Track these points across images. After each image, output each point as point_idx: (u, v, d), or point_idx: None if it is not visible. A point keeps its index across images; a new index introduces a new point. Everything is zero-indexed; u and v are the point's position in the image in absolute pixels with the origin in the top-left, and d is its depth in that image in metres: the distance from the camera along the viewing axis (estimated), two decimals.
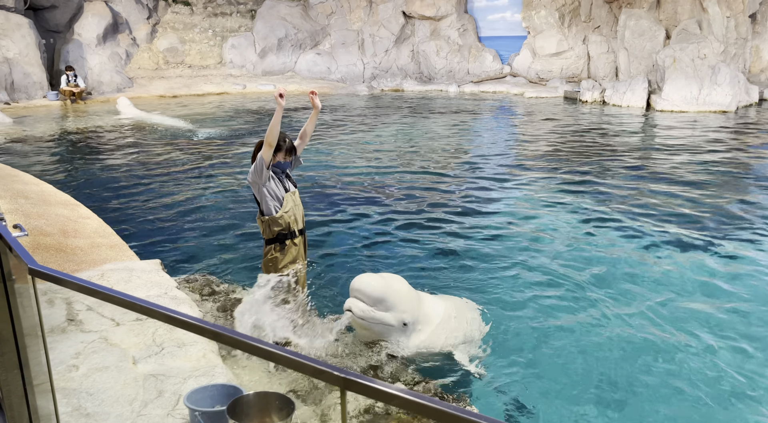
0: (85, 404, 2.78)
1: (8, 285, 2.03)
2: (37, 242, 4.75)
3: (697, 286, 5.14)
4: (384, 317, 3.79)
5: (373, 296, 3.75)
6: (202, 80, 20.09)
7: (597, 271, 5.43)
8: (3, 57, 16.06)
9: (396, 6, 21.87)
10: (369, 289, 3.76)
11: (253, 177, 3.85)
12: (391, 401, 1.07)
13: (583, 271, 5.42)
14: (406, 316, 3.83)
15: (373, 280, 3.81)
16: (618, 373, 3.88)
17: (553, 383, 3.81)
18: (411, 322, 3.87)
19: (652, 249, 5.99)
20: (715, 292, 5.04)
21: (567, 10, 20.24)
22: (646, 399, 3.64)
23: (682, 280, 5.26)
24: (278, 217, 3.90)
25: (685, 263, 5.63)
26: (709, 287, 5.12)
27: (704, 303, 4.84)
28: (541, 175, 9.02)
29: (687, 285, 5.17)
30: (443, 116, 14.97)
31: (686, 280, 5.26)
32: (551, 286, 5.16)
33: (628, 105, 16.26)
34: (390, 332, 3.86)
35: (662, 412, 3.53)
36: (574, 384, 3.79)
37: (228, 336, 1.27)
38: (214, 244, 6.17)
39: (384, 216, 7.08)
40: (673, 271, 5.44)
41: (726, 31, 16.32)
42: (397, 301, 3.80)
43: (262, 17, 21.68)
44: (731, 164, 9.75)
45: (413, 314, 3.88)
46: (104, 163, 9.93)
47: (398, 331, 3.86)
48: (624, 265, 5.58)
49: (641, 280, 5.25)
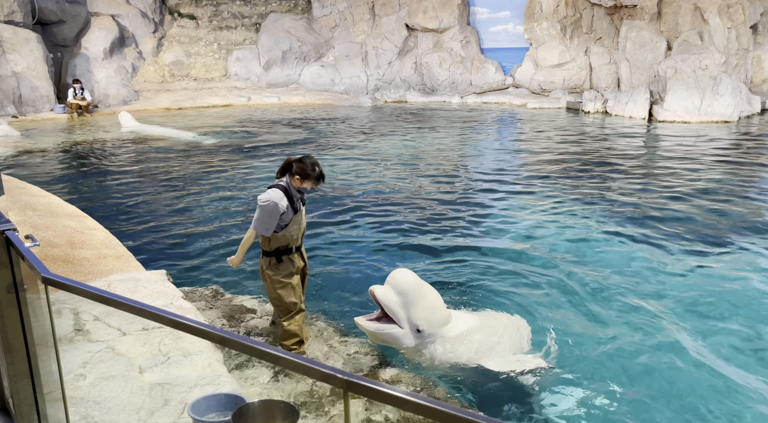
0: (93, 413, 2.81)
1: (20, 295, 2.08)
2: (45, 253, 4.81)
3: (699, 293, 5.15)
4: (399, 313, 3.74)
5: (400, 286, 3.72)
6: (207, 93, 20.27)
7: (637, 286, 5.33)
8: (11, 71, 16.28)
9: (399, 19, 22.08)
10: (401, 279, 3.75)
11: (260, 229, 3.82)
12: (393, 403, 1.10)
13: (614, 286, 5.34)
14: (421, 323, 3.75)
15: (408, 274, 3.81)
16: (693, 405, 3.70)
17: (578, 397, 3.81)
18: (426, 332, 3.77)
19: (661, 257, 6.00)
20: (720, 303, 5.05)
21: (569, 22, 20.39)
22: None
23: (689, 287, 5.27)
24: (280, 235, 3.86)
25: (693, 270, 5.64)
26: (712, 297, 5.13)
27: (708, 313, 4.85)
28: (544, 185, 9.05)
29: (693, 292, 5.19)
30: (446, 127, 15.05)
31: (691, 286, 5.28)
32: (558, 297, 5.18)
33: (630, 115, 16.31)
34: (400, 338, 3.78)
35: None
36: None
37: (235, 341, 1.32)
38: (219, 254, 6.22)
39: (388, 226, 7.12)
40: (682, 279, 5.46)
41: (727, 41, 16.40)
42: (420, 302, 3.74)
43: (267, 30, 21.91)
44: (735, 174, 9.77)
45: (431, 325, 3.78)
46: (110, 174, 10.03)
47: (409, 337, 3.78)
48: (649, 276, 5.57)
49: (659, 291, 5.26)
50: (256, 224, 3.80)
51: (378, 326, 3.80)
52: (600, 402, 3.70)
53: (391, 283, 3.78)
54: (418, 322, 3.74)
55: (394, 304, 3.73)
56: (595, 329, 4.59)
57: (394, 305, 3.73)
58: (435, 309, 3.82)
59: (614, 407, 3.66)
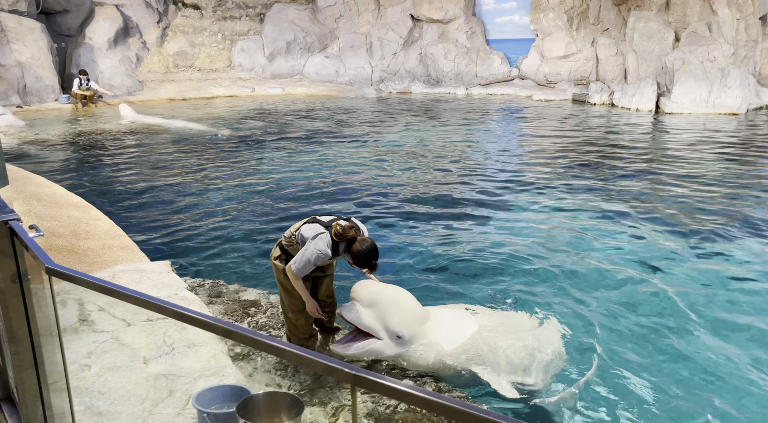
0: (97, 403, 2.82)
1: (24, 285, 2.07)
2: (50, 243, 4.82)
3: (708, 293, 5.12)
4: (374, 326, 3.57)
5: (368, 298, 3.56)
6: (212, 83, 20.22)
7: (644, 286, 5.33)
8: (15, 61, 16.26)
9: (404, 9, 21.93)
10: (366, 291, 3.59)
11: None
12: (399, 398, 1.08)
13: (619, 284, 5.30)
14: (400, 328, 3.58)
15: (371, 284, 3.65)
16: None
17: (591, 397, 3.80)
18: (407, 335, 3.59)
19: (665, 248, 5.97)
20: (729, 299, 5.01)
21: (575, 13, 20.21)
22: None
23: (702, 279, 5.24)
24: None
25: (702, 268, 5.61)
26: (720, 296, 5.10)
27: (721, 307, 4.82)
28: (550, 178, 9.01)
29: (699, 292, 5.15)
30: (451, 119, 14.98)
31: (698, 287, 5.24)
32: (566, 295, 5.16)
33: (636, 107, 16.20)
34: (383, 350, 3.62)
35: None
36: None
37: (239, 333, 1.30)
38: (224, 245, 6.21)
39: (394, 219, 7.10)
40: (690, 275, 5.42)
41: (736, 33, 16.23)
42: (393, 308, 3.58)
43: (271, 21, 21.80)
44: (744, 166, 9.69)
45: (410, 327, 3.61)
46: (114, 165, 10.03)
47: (391, 346, 3.62)
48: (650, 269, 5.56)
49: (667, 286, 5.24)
50: (296, 268, 3.63)
51: (357, 347, 3.63)
52: (608, 401, 3.69)
53: (357, 298, 3.63)
54: (396, 328, 3.58)
55: (367, 318, 3.58)
56: (605, 324, 4.57)
57: (367, 320, 3.59)
58: (409, 310, 3.66)
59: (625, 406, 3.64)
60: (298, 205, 7.61)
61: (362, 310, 3.61)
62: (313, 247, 3.56)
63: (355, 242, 3.57)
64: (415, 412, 3.27)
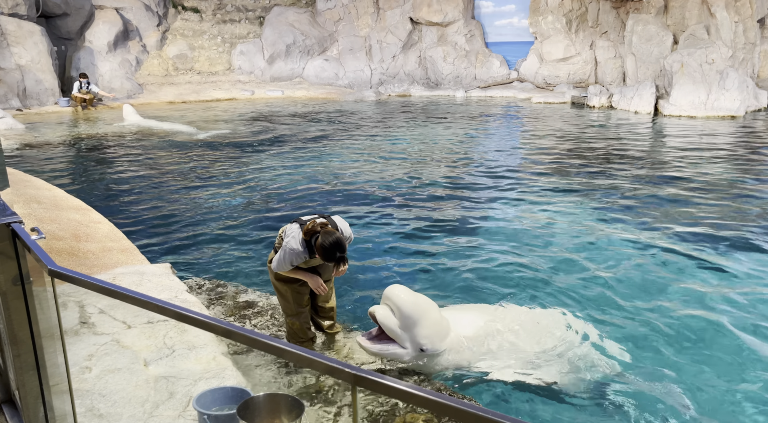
0: (98, 405, 2.82)
1: (26, 287, 2.08)
2: (50, 246, 4.83)
3: (707, 297, 5.13)
4: (401, 336, 3.64)
5: (400, 307, 3.60)
6: (211, 86, 20.25)
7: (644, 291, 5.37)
8: (15, 64, 16.29)
9: (403, 12, 21.98)
10: (400, 299, 3.61)
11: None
12: (400, 397, 1.09)
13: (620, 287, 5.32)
14: (425, 342, 3.66)
15: (405, 293, 3.68)
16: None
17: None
18: (430, 350, 3.69)
19: (670, 255, 5.98)
20: (724, 302, 5.02)
21: (574, 16, 20.26)
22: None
23: (692, 288, 5.25)
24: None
25: (698, 272, 5.62)
26: (716, 299, 5.11)
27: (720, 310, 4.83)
28: (550, 180, 9.02)
29: (697, 294, 5.17)
30: (451, 121, 15.01)
31: (694, 288, 5.26)
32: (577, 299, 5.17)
33: (635, 110, 16.23)
34: (403, 357, 3.72)
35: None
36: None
37: (239, 333, 1.31)
38: (224, 248, 6.22)
39: (393, 221, 7.11)
40: (690, 279, 5.44)
41: (734, 35, 16.27)
42: (422, 322, 3.63)
43: (271, 24, 21.85)
44: (742, 169, 9.71)
45: (434, 342, 3.69)
46: (114, 168, 10.04)
47: (412, 355, 3.71)
48: (647, 271, 5.57)
49: (664, 289, 5.25)
50: (275, 268, 3.72)
51: (380, 348, 3.71)
52: (617, 402, 3.70)
53: (389, 303, 3.68)
54: (422, 341, 3.66)
55: (396, 326, 3.64)
56: (612, 325, 4.58)
57: (396, 328, 3.65)
58: (436, 324, 3.72)
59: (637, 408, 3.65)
60: (298, 208, 7.63)
61: (392, 318, 3.66)
62: (286, 246, 3.62)
63: (318, 238, 3.48)
64: (415, 411, 3.28)
